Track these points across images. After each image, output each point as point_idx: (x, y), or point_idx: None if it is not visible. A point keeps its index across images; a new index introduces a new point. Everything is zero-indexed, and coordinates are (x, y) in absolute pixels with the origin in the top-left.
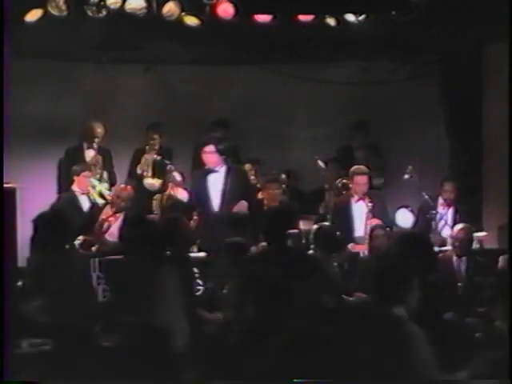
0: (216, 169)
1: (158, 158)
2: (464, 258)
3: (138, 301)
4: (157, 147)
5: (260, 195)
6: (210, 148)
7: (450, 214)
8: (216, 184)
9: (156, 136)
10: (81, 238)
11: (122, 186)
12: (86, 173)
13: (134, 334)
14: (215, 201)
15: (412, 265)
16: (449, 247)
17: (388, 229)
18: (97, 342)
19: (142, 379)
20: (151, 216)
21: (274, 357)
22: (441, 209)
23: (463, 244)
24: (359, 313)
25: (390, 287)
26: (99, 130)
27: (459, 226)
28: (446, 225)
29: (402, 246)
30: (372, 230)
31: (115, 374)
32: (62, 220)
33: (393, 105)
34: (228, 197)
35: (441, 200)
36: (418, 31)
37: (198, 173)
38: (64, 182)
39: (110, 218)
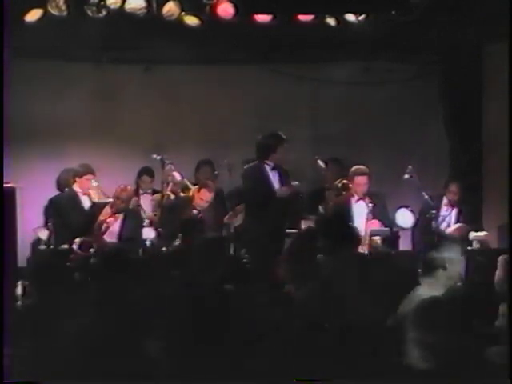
0: None
1: (158, 157)
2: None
3: None
4: (150, 191)
5: None
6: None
7: (453, 214)
8: None
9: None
10: (78, 240)
11: (122, 186)
12: (89, 176)
13: None
14: None
15: None
16: None
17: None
18: None
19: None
20: None
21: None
22: (444, 209)
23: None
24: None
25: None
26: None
27: (454, 226)
28: (449, 226)
29: None
30: None
31: None
32: None
33: (393, 105)
34: None
35: (445, 200)
36: (417, 31)
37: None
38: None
39: (109, 220)
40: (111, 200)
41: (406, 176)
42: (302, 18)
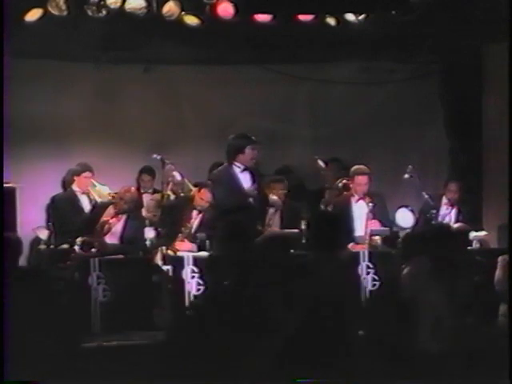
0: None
1: (158, 157)
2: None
3: None
4: (150, 190)
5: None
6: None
7: (453, 214)
8: None
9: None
10: (79, 239)
11: (126, 187)
12: (87, 173)
13: None
14: None
15: None
16: None
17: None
18: None
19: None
20: None
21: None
22: (444, 209)
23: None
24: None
25: None
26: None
27: (454, 226)
28: None
29: None
30: None
31: None
32: None
33: (393, 105)
34: None
35: (445, 200)
36: (417, 31)
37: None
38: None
39: (111, 220)
40: (112, 194)
41: (406, 176)
42: (301, 17)
